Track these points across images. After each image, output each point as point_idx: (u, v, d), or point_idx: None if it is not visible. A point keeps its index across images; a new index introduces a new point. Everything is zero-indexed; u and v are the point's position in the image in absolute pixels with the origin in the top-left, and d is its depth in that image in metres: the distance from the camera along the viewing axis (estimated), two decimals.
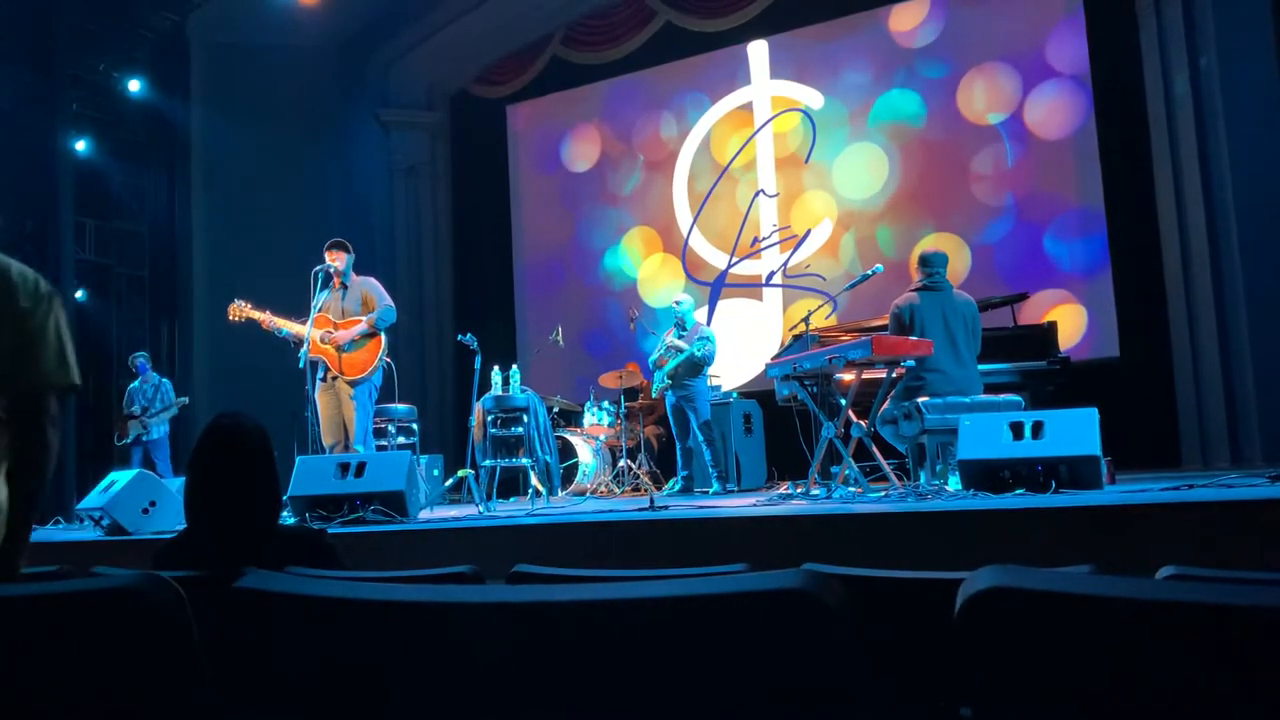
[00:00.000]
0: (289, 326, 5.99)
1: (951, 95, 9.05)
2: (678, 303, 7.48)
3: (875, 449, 4.92)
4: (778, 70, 9.97)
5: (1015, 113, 8.78)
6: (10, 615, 1.16)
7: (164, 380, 9.09)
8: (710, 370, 7.38)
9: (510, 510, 5.69)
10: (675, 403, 7.25)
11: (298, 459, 5.37)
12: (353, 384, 5.86)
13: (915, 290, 5.39)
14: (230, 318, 6.13)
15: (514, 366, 7.40)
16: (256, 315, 6.05)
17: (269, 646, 0.97)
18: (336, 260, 5.98)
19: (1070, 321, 8.25)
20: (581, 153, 10.99)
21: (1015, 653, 0.79)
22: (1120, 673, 0.75)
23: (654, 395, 7.62)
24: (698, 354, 7.06)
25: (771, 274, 9.85)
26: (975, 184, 8.92)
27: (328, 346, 5.87)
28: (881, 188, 9.35)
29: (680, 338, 7.26)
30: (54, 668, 1.13)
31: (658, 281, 10.41)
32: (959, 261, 8.66)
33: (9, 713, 1.14)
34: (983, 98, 8.92)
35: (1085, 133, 8.47)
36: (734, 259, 10.04)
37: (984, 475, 4.24)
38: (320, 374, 5.91)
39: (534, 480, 6.55)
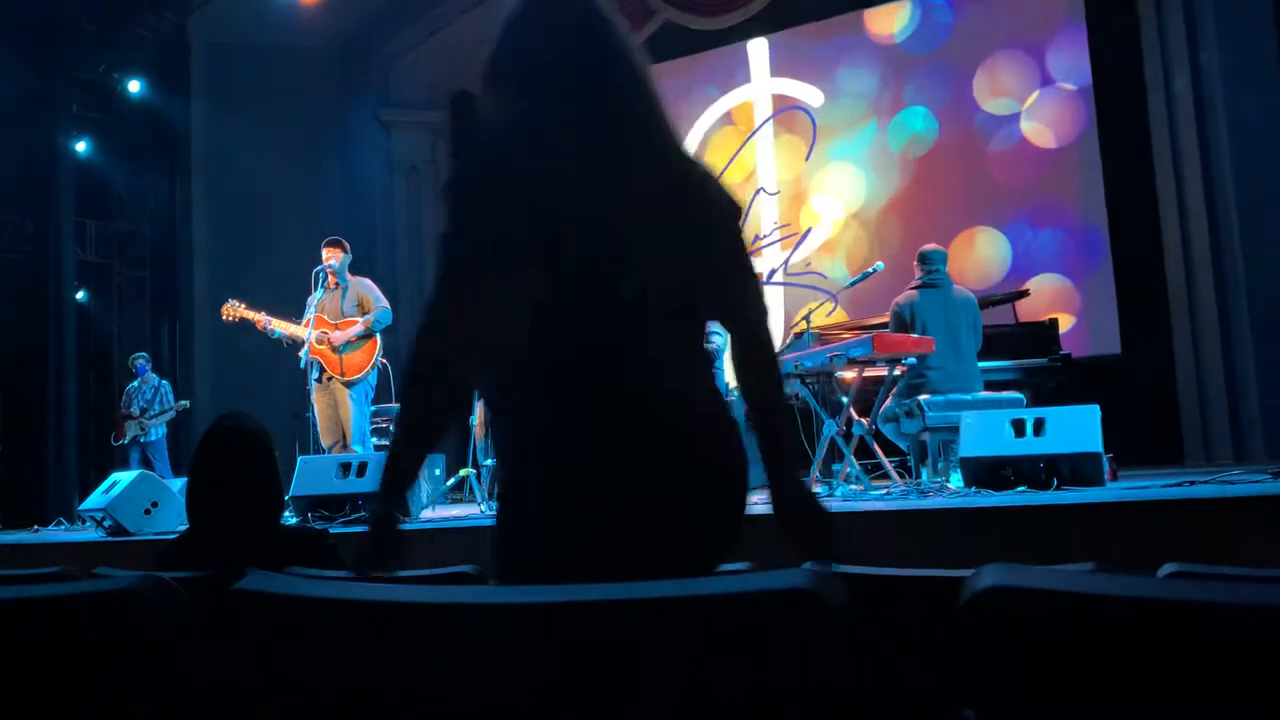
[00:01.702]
0: (284, 327, 5.99)
1: (954, 92, 9.03)
2: None
3: (877, 447, 4.92)
4: (778, 68, 9.95)
5: (1018, 110, 8.76)
6: (11, 616, 1.16)
7: (163, 382, 9.08)
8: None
9: None
10: None
11: (299, 459, 5.38)
12: (348, 385, 5.87)
13: (915, 288, 5.39)
14: (224, 318, 6.13)
15: None
16: (251, 315, 6.06)
17: (271, 648, 0.97)
18: (332, 258, 5.99)
19: (1071, 318, 8.24)
20: None
21: (1017, 652, 0.79)
22: (1123, 672, 0.75)
23: None
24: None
25: (772, 272, 9.83)
26: (977, 181, 8.91)
27: (324, 347, 5.88)
28: (883, 185, 9.34)
29: None
30: (54, 670, 1.13)
31: None
32: (959, 259, 8.64)
33: (9, 715, 1.14)
34: (986, 95, 8.91)
35: (1087, 130, 8.46)
36: None
37: (986, 472, 4.23)
38: (315, 375, 5.91)
39: None
